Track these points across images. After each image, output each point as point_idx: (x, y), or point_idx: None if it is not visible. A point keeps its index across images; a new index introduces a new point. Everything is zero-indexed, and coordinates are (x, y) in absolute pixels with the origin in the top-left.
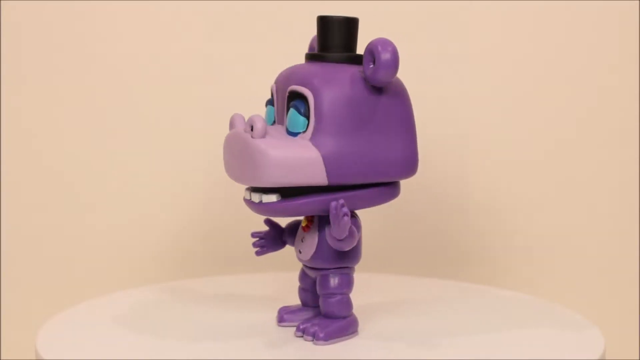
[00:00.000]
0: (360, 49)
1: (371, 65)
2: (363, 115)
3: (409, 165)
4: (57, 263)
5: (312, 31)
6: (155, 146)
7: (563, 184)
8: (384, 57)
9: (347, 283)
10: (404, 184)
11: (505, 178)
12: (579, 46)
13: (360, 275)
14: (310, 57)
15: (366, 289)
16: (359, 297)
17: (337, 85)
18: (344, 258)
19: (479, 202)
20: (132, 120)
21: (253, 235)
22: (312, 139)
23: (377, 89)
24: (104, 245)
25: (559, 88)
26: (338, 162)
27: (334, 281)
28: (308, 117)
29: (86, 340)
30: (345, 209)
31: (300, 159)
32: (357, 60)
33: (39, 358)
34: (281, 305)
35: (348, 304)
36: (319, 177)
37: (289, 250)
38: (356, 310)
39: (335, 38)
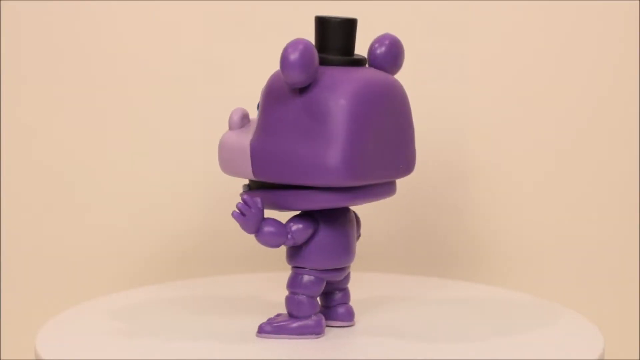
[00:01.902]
0: (359, 51)
1: None
2: (292, 116)
3: (335, 172)
4: (57, 263)
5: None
6: (155, 146)
7: (563, 184)
8: (289, 58)
9: (302, 284)
10: (402, 183)
11: (505, 178)
12: (581, 48)
13: (359, 275)
14: None
15: (365, 287)
16: (358, 295)
17: (276, 84)
18: (298, 257)
19: (478, 202)
20: (131, 120)
21: None
22: (254, 134)
23: (310, 91)
24: (103, 245)
25: (558, 88)
26: (262, 159)
27: (291, 278)
28: None
29: (86, 341)
30: (239, 204)
31: (232, 151)
32: (356, 62)
33: (39, 358)
34: (280, 305)
35: (300, 305)
36: (248, 172)
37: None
38: (356, 308)
39: (330, 39)
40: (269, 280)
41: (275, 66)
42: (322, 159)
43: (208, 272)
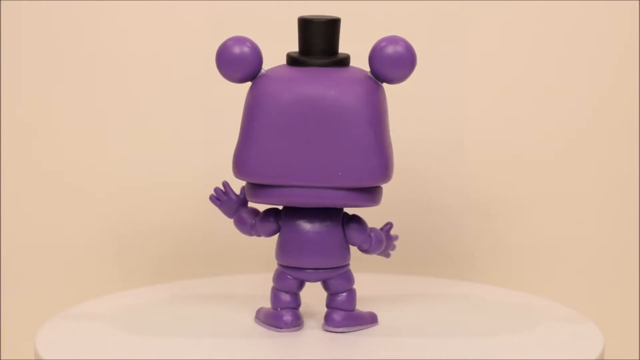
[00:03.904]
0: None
1: None
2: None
3: (243, 169)
4: (57, 263)
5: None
6: (156, 146)
7: (563, 184)
8: (217, 54)
9: (275, 277)
10: (402, 183)
11: (504, 177)
12: (581, 48)
13: (359, 275)
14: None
15: (364, 287)
16: (357, 295)
17: None
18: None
19: (477, 201)
20: (131, 120)
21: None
22: None
23: (253, 89)
24: (103, 245)
25: (559, 88)
26: None
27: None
28: None
29: (86, 340)
30: (216, 188)
31: None
32: (334, 63)
33: (39, 358)
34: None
35: (274, 297)
36: None
37: None
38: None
39: (309, 40)
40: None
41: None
42: (238, 154)
43: (208, 273)
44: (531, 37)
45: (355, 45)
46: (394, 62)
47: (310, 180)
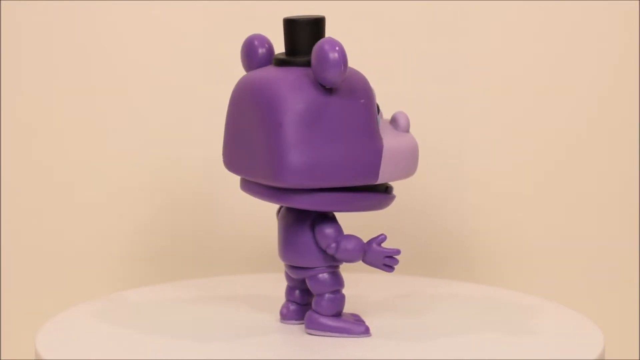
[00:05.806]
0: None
1: None
2: None
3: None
4: (57, 263)
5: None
6: (155, 147)
7: (563, 184)
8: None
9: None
10: (401, 183)
11: (504, 177)
12: (580, 49)
13: (358, 275)
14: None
15: (362, 288)
16: (356, 296)
17: None
18: None
19: (477, 201)
20: (131, 120)
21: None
22: None
23: None
24: (104, 245)
25: (558, 88)
26: None
27: None
28: None
29: (86, 340)
30: None
31: None
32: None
33: (39, 358)
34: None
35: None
36: None
37: None
38: (353, 308)
39: (294, 39)
40: (271, 280)
41: None
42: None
43: (208, 273)
44: (531, 39)
45: (356, 44)
46: (323, 65)
47: (249, 175)
